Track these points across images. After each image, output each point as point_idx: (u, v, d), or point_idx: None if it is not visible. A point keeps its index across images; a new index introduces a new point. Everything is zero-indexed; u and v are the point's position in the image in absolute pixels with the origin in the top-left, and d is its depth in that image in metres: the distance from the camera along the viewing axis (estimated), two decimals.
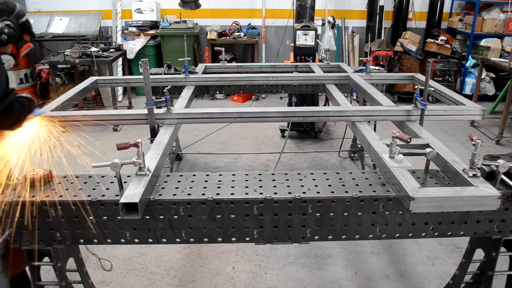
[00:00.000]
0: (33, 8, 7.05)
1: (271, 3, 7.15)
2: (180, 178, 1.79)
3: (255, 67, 3.87)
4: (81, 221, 1.64)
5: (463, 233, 1.77)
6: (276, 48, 7.43)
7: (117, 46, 5.89)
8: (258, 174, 1.82)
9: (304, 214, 1.67)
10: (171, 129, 2.24)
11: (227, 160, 4.64)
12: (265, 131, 5.47)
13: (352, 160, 4.65)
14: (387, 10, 6.99)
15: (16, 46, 2.02)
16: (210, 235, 1.70)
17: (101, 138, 5.23)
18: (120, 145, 1.64)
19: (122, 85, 5.52)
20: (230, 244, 2.96)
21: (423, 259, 3.00)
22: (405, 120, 2.36)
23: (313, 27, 4.62)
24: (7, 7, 1.95)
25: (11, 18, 1.93)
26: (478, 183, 1.57)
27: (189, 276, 2.81)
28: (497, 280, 1.98)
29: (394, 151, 1.74)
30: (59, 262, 1.76)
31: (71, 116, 2.41)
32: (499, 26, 6.68)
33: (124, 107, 6.28)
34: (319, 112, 2.45)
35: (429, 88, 2.71)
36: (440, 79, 6.65)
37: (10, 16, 1.93)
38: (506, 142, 5.21)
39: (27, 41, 2.06)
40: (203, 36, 7.21)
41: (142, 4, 6.91)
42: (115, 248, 3.07)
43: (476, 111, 2.43)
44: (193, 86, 3.16)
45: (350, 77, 3.29)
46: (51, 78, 5.57)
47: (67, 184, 1.74)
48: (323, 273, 2.85)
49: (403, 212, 1.69)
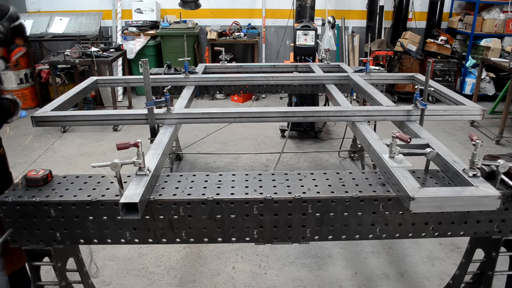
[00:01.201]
0: (33, 8, 7.05)
1: (271, 3, 7.15)
2: (180, 178, 1.79)
3: (255, 67, 3.87)
4: (81, 221, 1.64)
5: (463, 233, 1.77)
6: (276, 48, 7.43)
7: (117, 46, 5.89)
8: (258, 174, 1.82)
9: (304, 214, 1.67)
10: (171, 129, 2.24)
11: (227, 160, 4.64)
12: (265, 131, 5.47)
13: (352, 160, 4.65)
14: (387, 10, 6.99)
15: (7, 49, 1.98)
16: (210, 235, 1.70)
17: (101, 138, 5.24)
18: (120, 145, 1.64)
19: (122, 85, 5.50)
20: (230, 244, 2.97)
21: (423, 259, 3.00)
22: (405, 120, 2.36)
23: (313, 27, 4.62)
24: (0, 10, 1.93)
25: (2, 21, 1.89)
26: (478, 183, 1.57)
27: (189, 276, 2.82)
28: (497, 280, 1.99)
29: (394, 151, 1.74)
30: (59, 262, 1.76)
31: (71, 116, 2.40)
32: (499, 26, 6.68)
33: (124, 107, 6.28)
34: (319, 112, 2.45)
35: (429, 88, 2.71)
36: (440, 79, 6.65)
37: (2, 19, 1.90)
38: (506, 142, 5.21)
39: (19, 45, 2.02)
40: (203, 36, 7.22)
41: (142, 4, 6.92)
42: (115, 248, 3.07)
43: (476, 111, 2.43)
44: (193, 86, 3.16)
45: (350, 77, 3.29)
46: (51, 78, 5.57)
47: (67, 184, 1.74)
48: (323, 273, 2.85)
49: (403, 212, 1.69)
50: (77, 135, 5.37)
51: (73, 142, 5.13)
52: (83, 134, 5.39)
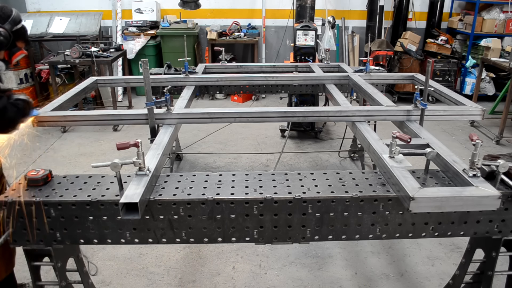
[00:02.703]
0: (33, 8, 7.05)
1: (271, 3, 7.15)
2: (180, 178, 1.79)
3: (255, 67, 3.87)
4: (81, 221, 1.64)
5: (463, 233, 1.77)
6: (276, 48, 7.43)
7: (117, 46, 5.89)
8: (258, 174, 1.82)
9: (304, 214, 1.67)
10: (171, 129, 2.24)
11: (227, 160, 4.64)
12: (265, 131, 5.47)
13: (352, 160, 4.65)
14: (387, 10, 7.00)
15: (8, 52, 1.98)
16: (210, 235, 1.70)
17: (101, 138, 5.24)
18: (120, 145, 1.64)
19: (122, 85, 5.52)
20: (230, 244, 2.96)
21: (423, 259, 3.00)
22: (405, 120, 2.36)
23: (313, 27, 4.62)
24: (2, 13, 1.92)
25: (5, 24, 1.89)
26: (478, 183, 1.57)
27: (189, 276, 2.81)
28: (497, 280, 1.98)
29: (394, 151, 1.74)
30: (59, 262, 1.76)
31: (71, 116, 2.40)
32: (499, 26, 6.68)
33: (124, 107, 6.28)
34: (319, 112, 2.45)
35: (429, 88, 2.71)
36: (440, 79, 6.65)
37: (5, 22, 1.90)
38: (506, 142, 5.21)
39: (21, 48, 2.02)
40: (203, 36, 7.21)
41: (142, 4, 6.92)
42: (115, 248, 3.07)
43: (476, 111, 2.43)
44: (193, 86, 3.16)
45: (350, 77, 3.29)
46: (51, 78, 5.57)
47: (67, 184, 1.74)
48: (323, 273, 2.85)
49: (403, 212, 1.69)
50: (77, 135, 5.37)
51: (73, 142, 5.13)
52: (83, 134, 5.39)
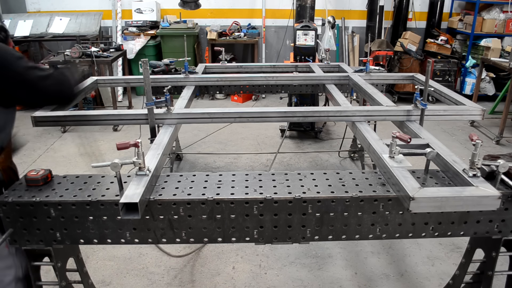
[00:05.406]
0: (33, 8, 7.06)
1: (271, 3, 7.15)
2: (180, 178, 1.79)
3: (255, 67, 3.87)
4: (81, 221, 1.64)
5: (463, 233, 1.76)
6: (276, 48, 7.43)
7: (117, 46, 5.89)
8: (258, 174, 1.82)
9: (304, 214, 1.67)
10: (171, 129, 2.24)
11: (227, 160, 4.64)
12: (265, 131, 5.47)
13: (352, 160, 4.65)
14: (387, 10, 7.00)
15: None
16: (210, 235, 1.70)
17: (101, 138, 5.24)
18: (120, 145, 1.64)
19: (122, 85, 5.49)
20: (230, 244, 2.97)
21: (423, 259, 3.00)
22: (405, 120, 2.35)
23: (313, 27, 4.62)
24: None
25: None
26: (478, 183, 1.56)
27: (189, 276, 2.82)
28: (497, 280, 1.98)
29: (394, 151, 1.74)
30: (59, 262, 1.76)
31: (71, 116, 2.40)
32: (499, 26, 6.68)
33: (124, 107, 6.28)
34: (319, 112, 2.45)
35: (429, 88, 2.71)
36: (440, 79, 6.65)
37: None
38: (506, 142, 5.21)
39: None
40: (203, 36, 7.22)
41: (142, 4, 6.92)
42: (115, 248, 3.07)
43: (476, 111, 2.43)
44: (193, 86, 3.16)
45: (350, 77, 3.29)
46: None
47: (67, 184, 1.74)
48: (323, 273, 2.85)
49: (403, 212, 1.69)
50: (77, 135, 5.37)
51: (73, 142, 5.13)
52: (83, 134, 5.39)
